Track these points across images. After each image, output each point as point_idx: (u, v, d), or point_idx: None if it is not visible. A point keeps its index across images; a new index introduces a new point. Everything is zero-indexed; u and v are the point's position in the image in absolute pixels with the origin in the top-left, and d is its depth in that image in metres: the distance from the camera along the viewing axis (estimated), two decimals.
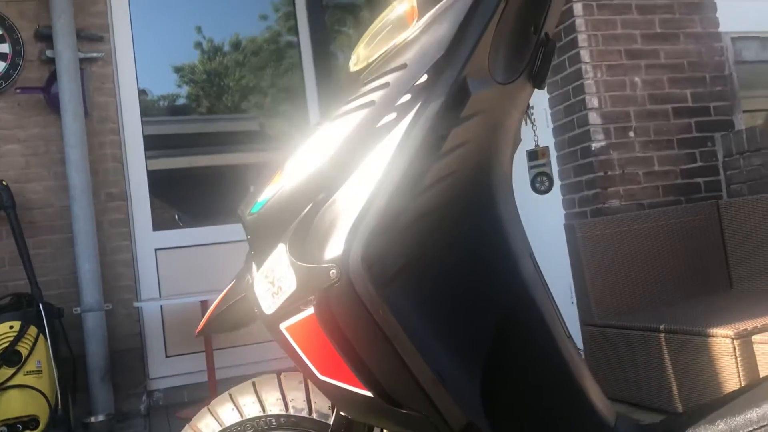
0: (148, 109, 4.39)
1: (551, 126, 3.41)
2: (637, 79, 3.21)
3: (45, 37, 3.57)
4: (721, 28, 5.51)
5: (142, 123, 3.91)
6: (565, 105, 3.27)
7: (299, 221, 0.94)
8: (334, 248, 0.89)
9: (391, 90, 0.93)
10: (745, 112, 7.24)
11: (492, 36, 0.95)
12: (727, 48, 3.40)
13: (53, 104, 3.56)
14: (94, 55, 3.67)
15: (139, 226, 3.77)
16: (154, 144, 4.24)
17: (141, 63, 3.92)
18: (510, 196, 1.06)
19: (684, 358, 2.51)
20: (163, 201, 5.29)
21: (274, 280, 0.93)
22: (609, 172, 3.15)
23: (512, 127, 1.06)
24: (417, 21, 0.97)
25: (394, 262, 0.91)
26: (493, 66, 0.97)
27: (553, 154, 3.41)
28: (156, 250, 3.78)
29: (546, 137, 3.45)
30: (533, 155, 1.17)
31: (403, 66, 0.93)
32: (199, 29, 4.67)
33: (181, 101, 4.82)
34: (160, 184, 4.84)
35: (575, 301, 3.08)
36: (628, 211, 3.14)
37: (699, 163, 3.27)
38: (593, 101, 3.15)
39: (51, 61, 3.55)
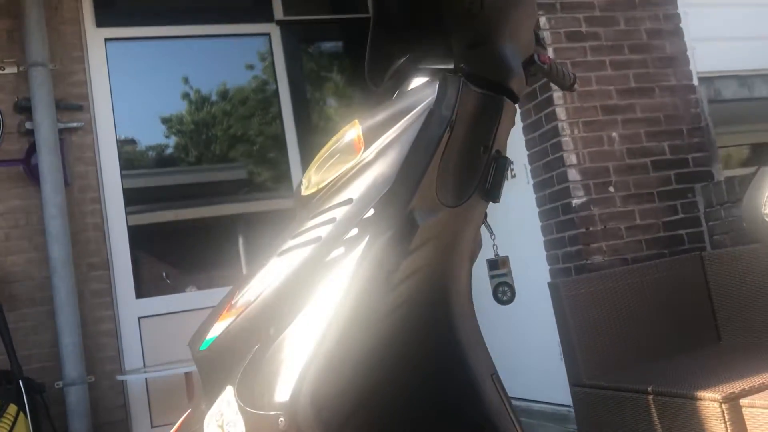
0: (135, 161, 4.39)
1: (531, 182, 3.41)
2: (614, 134, 3.23)
3: (24, 109, 3.58)
4: (700, 68, 5.58)
5: (125, 182, 3.90)
6: (544, 162, 3.28)
7: (248, 362, 0.91)
8: (283, 393, 0.87)
9: (338, 225, 0.91)
10: (722, 147, 7.29)
11: (438, 164, 0.94)
12: (702, 100, 3.43)
13: (33, 175, 3.55)
14: (74, 124, 3.67)
15: (122, 294, 3.73)
16: (140, 198, 4.23)
17: (127, 118, 3.92)
18: (469, 316, 1.04)
19: (673, 422, 2.47)
20: (150, 257, 5.26)
21: (223, 425, 0.91)
22: (591, 228, 3.14)
23: (468, 243, 1.05)
24: (363, 150, 0.96)
25: (347, 403, 0.89)
26: (442, 192, 0.96)
27: (535, 210, 3.40)
28: (139, 318, 3.74)
29: (527, 193, 3.45)
30: (494, 265, 1.16)
31: (349, 201, 0.92)
32: (186, 80, 4.70)
33: (169, 152, 4.82)
34: (146, 239, 4.81)
35: (563, 359, 3.04)
36: (612, 266, 3.12)
37: (681, 215, 3.27)
38: (571, 158, 3.16)
39: (30, 133, 3.56)
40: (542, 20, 3.20)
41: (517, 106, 1.12)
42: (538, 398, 3.63)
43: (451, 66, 1.01)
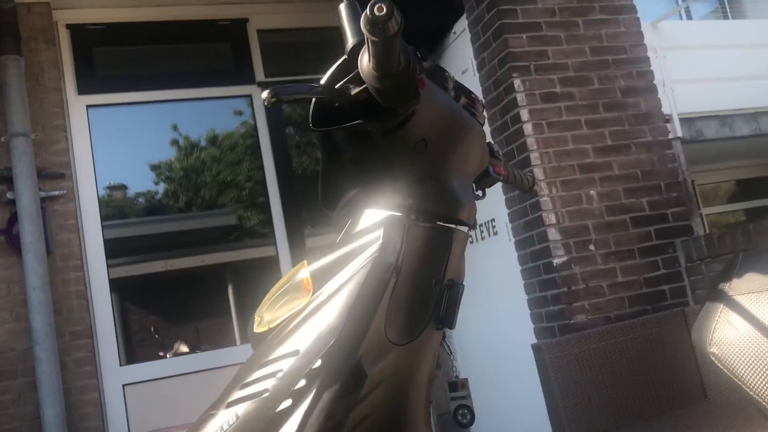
0: (122, 210, 4.40)
1: (513, 240, 3.42)
2: (592, 192, 3.25)
3: (5, 179, 3.59)
4: (680, 109, 5.65)
5: (110, 233, 3.90)
6: (524, 220, 3.30)
7: None
8: None
9: (285, 377, 0.91)
10: (701, 184, 7.34)
11: (387, 307, 0.95)
12: (678, 154, 3.46)
13: (15, 245, 3.54)
14: (56, 192, 3.68)
15: (106, 362, 3.70)
16: (127, 250, 4.23)
17: (112, 171, 3.94)
18: None
19: None
20: (138, 312, 5.23)
21: None
22: (573, 287, 3.15)
23: (424, 375, 1.05)
24: (312, 294, 0.97)
25: None
26: (393, 332, 0.96)
27: (518, 268, 3.41)
28: (124, 385, 3.70)
29: (509, 251, 3.46)
30: (453, 387, 1.15)
31: (296, 352, 0.92)
32: (175, 127, 4.73)
33: (158, 199, 4.83)
34: (133, 293, 4.79)
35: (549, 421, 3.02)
36: (595, 325, 3.12)
37: (662, 271, 3.28)
38: (551, 217, 3.18)
39: (12, 203, 3.56)
40: (516, 83, 3.24)
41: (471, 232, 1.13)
42: None
43: (399, 201, 1.02)
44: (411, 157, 1.01)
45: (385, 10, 0.79)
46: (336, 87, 0.97)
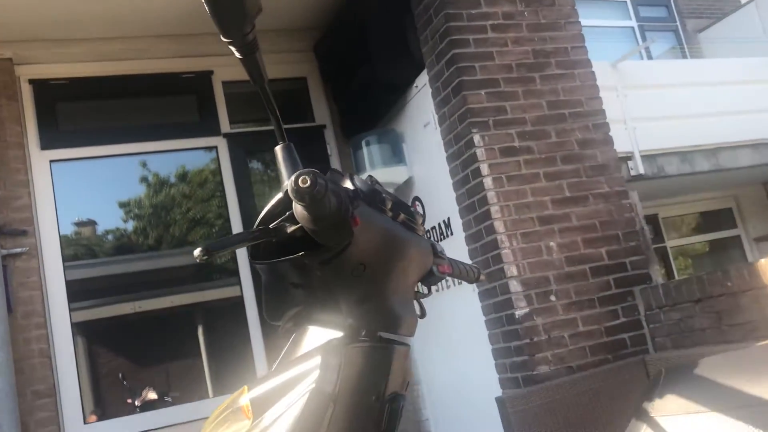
0: (91, 249, 4.36)
1: (477, 291, 3.47)
2: (552, 243, 3.31)
3: None
4: (642, 146, 5.77)
5: (73, 274, 3.86)
6: (487, 272, 3.34)
7: None
8: None
9: None
10: (666, 217, 7.48)
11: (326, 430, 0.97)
12: (635, 204, 3.55)
13: None
14: (18, 250, 3.65)
15: (69, 421, 3.65)
16: (95, 291, 4.19)
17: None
18: None
19: None
20: (106, 354, 5.16)
21: None
22: (535, 338, 3.19)
23: None
24: (252, 421, 0.99)
25: None
26: None
27: (481, 318, 3.45)
28: None
29: (474, 301, 3.50)
30: None
31: None
32: (144, 164, 4.71)
33: (127, 237, 4.79)
34: (100, 337, 4.73)
35: None
36: (558, 375, 3.16)
37: (622, 319, 3.34)
38: (512, 269, 3.23)
39: None
40: (476, 138, 3.31)
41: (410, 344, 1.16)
42: None
43: (340, 321, 1.05)
44: (350, 281, 1.04)
45: (308, 182, 0.83)
46: (271, 227, 1.00)
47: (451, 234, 3.69)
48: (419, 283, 1.31)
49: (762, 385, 0.87)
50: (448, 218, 3.68)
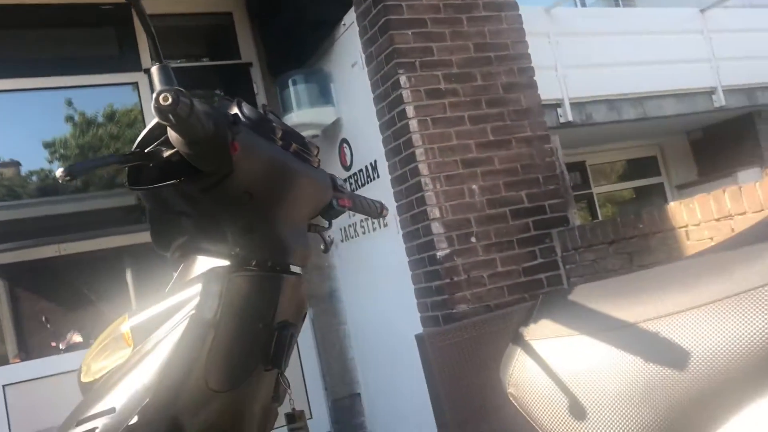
0: (14, 190, 4.21)
1: (401, 232, 3.51)
2: (474, 186, 3.37)
3: None
4: (572, 94, 5.86)
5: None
6: (411, 214, 3.38)
7: None
8: None
9: None
10: (593, 164, 7.68)
11: (205, 360, 0.98)
12: (556, 148, 3.62)
13: None
14: None
15: None
16: (18, 233, 4.06)
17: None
18: None
19: None
20: (31, 296, 5.04)
21: None
22: (455, 278, 3.27)
23: (255, 415, 1.09)
24: (132, 347, 0.99)
25: None
26: (215, 381, 0.99)
27: (405, 259, 3.50)
28: (4, 386, 3.58)
29: (398, 243, 3.54)
30: (290, 418, 1.20)
31: (112, 410, 0.94)
32: (69, 102, 4.53)
33: (52, 179, 4.64)
34: (24, 278, 4.61)
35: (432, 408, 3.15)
36: (476, 313, 3.26)
37: (539, 260, 3.45)
38: (435, 212, 3.27)
39: None
40: (402, 79, 3.30)
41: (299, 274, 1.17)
42: None
43: (226, 251, 1.05)
44: (235, 210, 1.04)
45: (170, 99, 0.81)
46: (147, 151, 0.98)
47: (378, 177, 3.70)
48: (320, 217, 1.31)
49: (628, 309, 0.92)
50: (375, 161, 3.69)
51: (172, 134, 0.92)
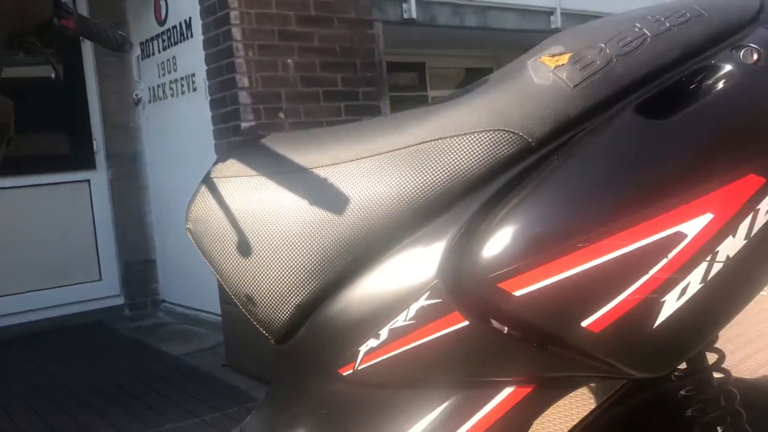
0: None
1: (209, 98, 3.37)
2: (289, 60, 3.27)
3: None
4: None
5: None
6: (219, 80, 3.24)
7: None
8: None
9: None
10: (433, 67, 7.80)
11: None
12: (378, 35, 3.59)
13: None
14: None
15: None
16: None
17: None
18: None
19: None
20: None
21: None
22: None
23: None
24: None
25: None
26: None
27: (210, 127, 3.38)
28: None
29: (205, 109, 3.40)
30: None
31: None
32: None
33: None
34: None
35: None
36: None
37: None
38: (244, 80, 3.16)
39: None
40: None
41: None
42: (208, 309, 3.76)
43: None
44: None
45: None
46: None
47: (192, 36, 3.49)
48: (35, 39, 1.18)
49: (308, 155, 0.92)
50: (190, 18, 3.46)
51: None
